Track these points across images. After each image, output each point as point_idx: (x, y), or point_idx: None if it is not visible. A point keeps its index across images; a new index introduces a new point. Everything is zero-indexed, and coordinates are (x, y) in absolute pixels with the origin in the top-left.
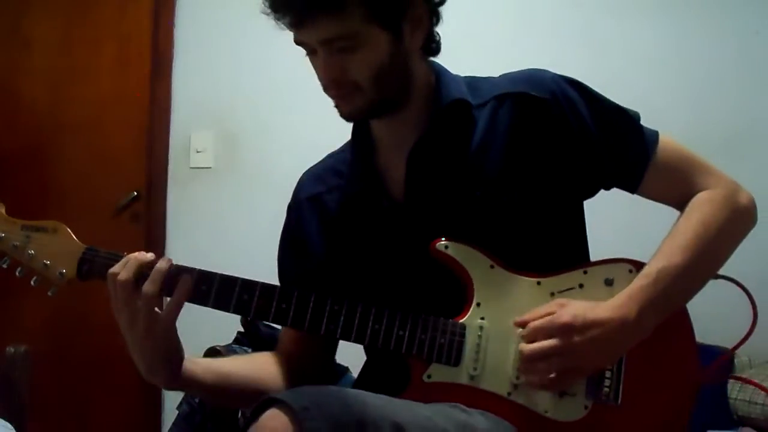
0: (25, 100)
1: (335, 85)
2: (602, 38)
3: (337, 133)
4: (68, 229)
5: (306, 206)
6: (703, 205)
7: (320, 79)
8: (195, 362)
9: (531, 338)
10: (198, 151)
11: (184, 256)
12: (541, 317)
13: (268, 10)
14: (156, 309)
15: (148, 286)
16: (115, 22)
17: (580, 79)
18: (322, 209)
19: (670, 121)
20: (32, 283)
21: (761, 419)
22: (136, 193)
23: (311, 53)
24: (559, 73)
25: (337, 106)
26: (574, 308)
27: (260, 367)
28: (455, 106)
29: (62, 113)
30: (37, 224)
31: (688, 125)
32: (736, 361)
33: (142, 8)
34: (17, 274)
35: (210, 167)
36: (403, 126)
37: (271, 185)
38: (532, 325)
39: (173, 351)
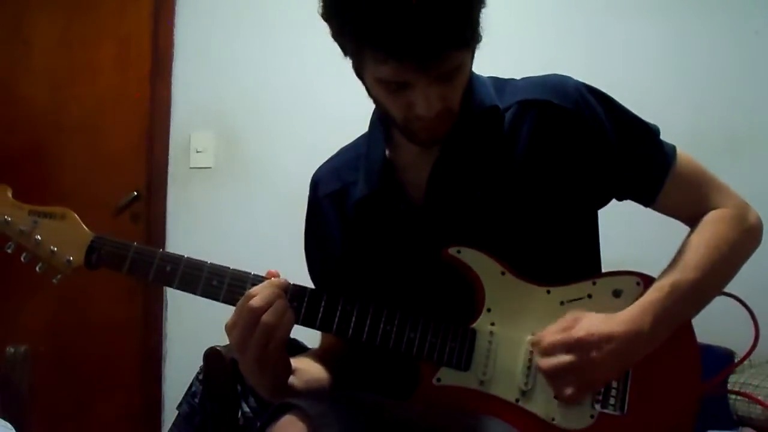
0: (25, 100)
1: (436, 116)
2: (602, 38)
3: (337, 132)
4: (77, 217)
5: (325, 204)
6: (715, 223)
7: (421, 111)
8: (295, 375)
9: (548, 353)
10: (198, 151)
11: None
12: (557, 332)
13: (383, 55)
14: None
15: (267, 317)
16: (115, 22)
17: (582, 80)
18: (340, 207)
19: (671, 122)
20: (37, 269)
21: (761, 419)
22: (136, 193)
23: (401, 88)
24: (558, 72)
25: (412, 135)
26: (589, 323)
27: (328, 367)
28: (486, 112)
29: (62, 113)
30: (46, 210)
31: (689, 125)
32: (736, 361)
33: (142, 8)
34: (22, 259)
35: (210, 167)
36: None
37: (271, 185)
38: (548, 339)
39: (280, 370)
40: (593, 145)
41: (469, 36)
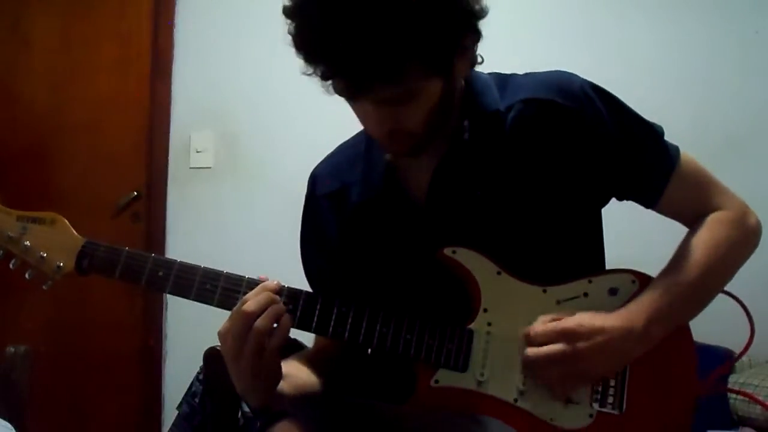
0: (25, 100)
1: (388, 136)
2: (602, 38)
3: (338, 132)
4: (66, 222)
5: (323, 204)
6: (715, 225)
7: (368, 128)
8: (285, 380)
9: (535, 343)
10: (198, 151)
11: (184, 256)
12: (545, 322)
13: (314, 72)
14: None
15: (261, 322)
16: (115, 22)
17: None
18: (339, 207)
19: (671, 121)
20: (26, 276)
21: (761, 419)
22: (136, 193)
23: (353, 102)
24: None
25: (381, 147)
26: (580, 315)
27: (320, 370)
28: (489, 116)
29: (62, 113)
30: (34, 215)
31: (689, 125)
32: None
33: (142, 8)
34: (11, 266)
35: (210, 167)
36: None
37: (271, 185)
38: (536, 329)
39: (274, 377)
40: (595, 145)
41: (402, 71)
